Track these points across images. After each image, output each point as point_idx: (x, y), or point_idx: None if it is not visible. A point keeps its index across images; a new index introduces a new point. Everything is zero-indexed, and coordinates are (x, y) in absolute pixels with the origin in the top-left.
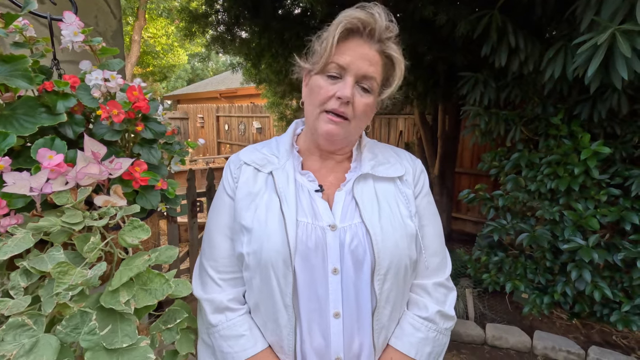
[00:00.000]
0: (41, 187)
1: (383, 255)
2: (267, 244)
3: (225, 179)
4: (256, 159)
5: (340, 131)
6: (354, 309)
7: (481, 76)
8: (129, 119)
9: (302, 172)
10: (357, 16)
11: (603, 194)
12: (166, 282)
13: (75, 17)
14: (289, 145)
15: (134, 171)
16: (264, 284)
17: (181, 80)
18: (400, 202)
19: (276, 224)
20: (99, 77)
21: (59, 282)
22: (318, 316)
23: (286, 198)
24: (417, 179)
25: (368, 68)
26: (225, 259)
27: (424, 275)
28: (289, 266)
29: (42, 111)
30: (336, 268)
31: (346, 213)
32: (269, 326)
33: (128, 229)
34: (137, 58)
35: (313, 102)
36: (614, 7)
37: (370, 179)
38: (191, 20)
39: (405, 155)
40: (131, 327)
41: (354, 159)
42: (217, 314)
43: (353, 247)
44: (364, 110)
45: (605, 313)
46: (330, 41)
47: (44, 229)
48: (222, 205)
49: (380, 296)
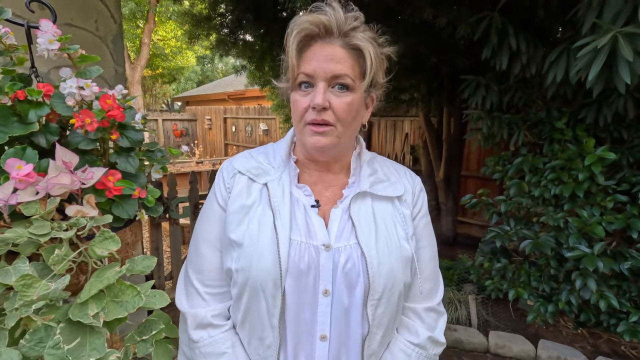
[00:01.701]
0: (7, 198)
1: (378, 280)
2: (258, 262)
3: (218, 186)
4: (251, 167)
5: (327, 140)
6: (343, 333)
7: (483, 79)
8: (104, 128)
9: (299, 185)
10: (306, 20)
11: (609, 201)
12: (138, 294)
13: (53, 25)
14: (286, 154)
15: (107, 181)
16: (251, 303)
17: (191, 82)
18: (397, 223)
19: (268, 241)
20: (73, 86)
21: (22, 295)
22: (304, 338)
23: (280, 213)
24: (416, 199)
25: (335, 67)
26: (212, 272)
27: (417, 299)
28: (278, 287)
29: (15, 120)
30: (327, 290)
31: (342, 233)
32: (253, 344)
33: (98, 240)
34: (147, 60)
35: (295, 118)
36: (616, 9)
37: (369, 198)
38: (195, 24)
39: (406, 173)
40: (100, 340)
41: (352, 173)
42: (199, 330)
43: (347, 270)
44: (346, 111)
45: (613, 323)
46: (291, 54)
47: (10, 240)
48: (213, 214)
49: (373, 322)
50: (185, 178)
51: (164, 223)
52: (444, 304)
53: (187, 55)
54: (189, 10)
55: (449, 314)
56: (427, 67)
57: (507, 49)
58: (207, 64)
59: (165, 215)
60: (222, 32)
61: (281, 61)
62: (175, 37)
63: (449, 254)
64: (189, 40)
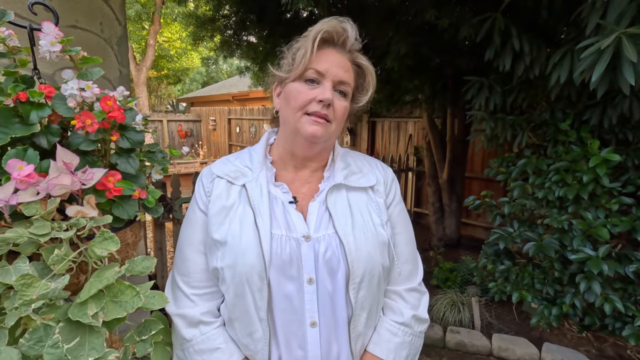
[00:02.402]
0: (8, 198)
1: (357, 265)
2: (242, 258)
3: (198, 193)
4: (229, 171)
5: (323, 133)
6: (330, 317)
7: (486, 81)
8: (104, 129)
9: (276, 183)
10: (333, 26)
11: (614, 203)
12: (137, 294)
13: (55, 27)
14: (262, 156)
15: (108, 181)
16: (238, 299)
17: (196, 83)
18: (372, 211)
19: (251, 237)
20: (74, 87)
21: (21, 294)
22: (295, 327)
23: (260, 211)
24: (388, 188)
25: (344, 74)
26: (198, 274)
27: (397, 281)
28: (263, 280)
29: (16, 121)
30: (311, 278)
31: (320, 223)
32: (243, 341)
33: (98, 240)
34: (152, 62)
35: (292, 106)
36: (620, 10)
37: (344, 189)
38: (199, 25)
39: (377, 164)
40: (99, 339)
41: (327, 168)
42: (191, 328)
43: (327, 257)
44: (342, 113)
45: (618, 326)
46: (309, 49)
47: (11, 240)
48: (195, 220)
49: (356, 304)
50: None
51: (168, 223)
52: (447, 305)
53: (192, 56)
54: (193, 12)
55: (452, 316)
56: (430, 68)
57: (511, 50)
58: (212, 65)
59: (168, 216)
60: (226, 33)
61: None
62: (180, 38)
63: (453, 255)
64: (194, 42)
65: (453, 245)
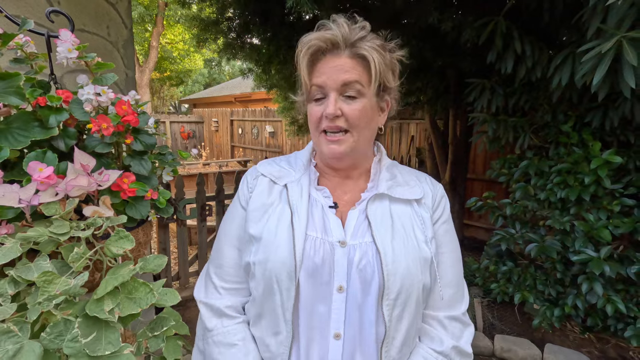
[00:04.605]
0: (30, 199)
1: (393, 278)
2: (274, 255)
3: (241, 189)
4: (273, 171)
5: (342, 148)
6: (356, 332)
7: (488, 83)
8: (119, 132)
9: (318, 187)
10: (314, 38)
11: (616, 204)
12: (150, 291)
13: (71, 34)
14: (307, 160)
15: (122, 183)
16: (266, 296)
17: (198, 85)
18: (415, 226)
19: (285, 235)
20: (90, 92)
21: (43, 290)
22: (318, 335)
23: (298, 211)
24: (437, 204)
25: (344, 75)
26: (230, 268)
27: (438, 306)
28: (292, 279)
29: (36, 125)
30: (342, 286)
31: (357, 231)
32: (267, 341)
33: (114, 239)
34: (155, 63)
35: (311, 127)
36: (621, 14)
37: (386, 200)
38: (203, 28)
39: (427, 179)
40: (115, 334)
41: (372, 178)
42: (214, 318)
43: (362, 266)
44: (358, 117)
45: (620, 328)
46: (302, 71)
47: (32, 238)
48: (235, 215)
49: (390, 323)
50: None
51: (171, 224)
52: None
53: (195, 58)
54: (197, 15)
55: None
56: (433, 70)
57: (512, 53)
58: (215, 66)
59: (172, 217)
60: (229, 35)
61: (298, 77)
62: (183, 40)
63: None
64: (197, 44)
65: None
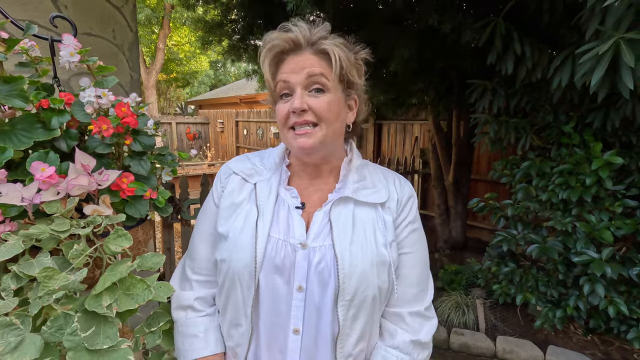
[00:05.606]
0: (32, 198)
1: (349, 282)
2: (236, 255)
3: (215, 186)
4: (244, 168)
5: (311, 141)
6: (313, 328)
7: (489, 84)
8: (119, 133)
9: (287, 187)
10: (276, 37)
11: (618, 206)
12: (147, 287)
13: (74, 38)
14: (279, 158)
15: (121, 182)
16: (229, 291)
17: (204, 86)
18: (377, 229)
19: (249, 236)
20: (91, 95)
21: (43, 285)
22: (279, 330)
23: (263, 212)
24: (402, 207)
25: (309, 68)
26: (202, 262)
27: (400, 304)
28: (252, 279)
29: (39, 126)
30: (301, 286)
31: (319, 234)
32: (230, 331)
33: (113, 237)
34: (162, 65)
35: (280, 125)
36: (618, 15)
37: (351, 203)
38: (208, 30)
39: (395, 181)
40: (113, 329)
41: (340, 179)
42: (180, 311)
43: (320, 269)
44: (326, 109)
45: (623, 330)
46: (265, 68)
47: (34, 236)
48: (208, 211)
49: (345, 322)
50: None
51: (176, 224)
52: (451, 307)
53: (201, 59)
54: (202, 17)
55: (457, 318)
56: (434, 71)
57: (512, 54)
58: (220, 68)
59: (177, 217)
60: (233, 38)
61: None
62: (189, 42)
63: (459, 258)
64: (202, 46)
65: (459, 248)
